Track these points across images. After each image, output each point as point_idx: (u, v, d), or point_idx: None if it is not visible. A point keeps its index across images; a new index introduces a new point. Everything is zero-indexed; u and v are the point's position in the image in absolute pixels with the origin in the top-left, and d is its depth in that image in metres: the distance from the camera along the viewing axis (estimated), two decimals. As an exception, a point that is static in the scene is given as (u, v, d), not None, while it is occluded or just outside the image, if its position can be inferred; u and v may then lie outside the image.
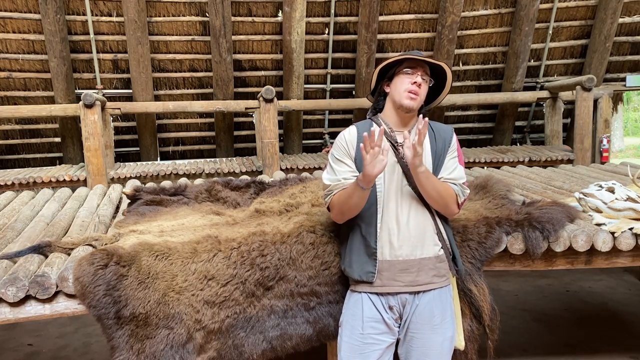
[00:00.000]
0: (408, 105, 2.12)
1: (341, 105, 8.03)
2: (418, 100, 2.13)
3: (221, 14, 7.12)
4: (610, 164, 5.56)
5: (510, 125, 8.71)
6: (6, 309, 2.22)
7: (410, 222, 2.12)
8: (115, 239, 2.60)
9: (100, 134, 6.35)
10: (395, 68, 2.18)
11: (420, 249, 2.12)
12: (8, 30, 7.17)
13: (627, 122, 20.54)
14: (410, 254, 2.11)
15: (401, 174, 2.13)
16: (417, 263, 2.12)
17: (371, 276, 2.12)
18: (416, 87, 2.10)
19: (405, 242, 2.11)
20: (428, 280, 2.14)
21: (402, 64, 2.15)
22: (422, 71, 2.14)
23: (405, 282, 2.12)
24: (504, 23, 8.00)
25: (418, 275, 2.12)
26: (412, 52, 2.18)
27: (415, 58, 2.13)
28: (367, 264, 2.13)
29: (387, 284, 2.12)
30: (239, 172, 6.60)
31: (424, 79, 2.14)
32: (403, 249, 2.11)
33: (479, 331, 2.51)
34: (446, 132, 2.23)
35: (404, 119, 2.18)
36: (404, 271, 2.11)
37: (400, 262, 2.11)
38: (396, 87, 2.15)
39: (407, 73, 2.13)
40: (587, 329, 4.27)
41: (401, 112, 2.16)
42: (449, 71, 2.21)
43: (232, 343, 2.26)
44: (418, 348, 2.16)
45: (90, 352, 4.15)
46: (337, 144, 2.21)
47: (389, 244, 2.12)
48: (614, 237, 2.66)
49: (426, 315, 2.14)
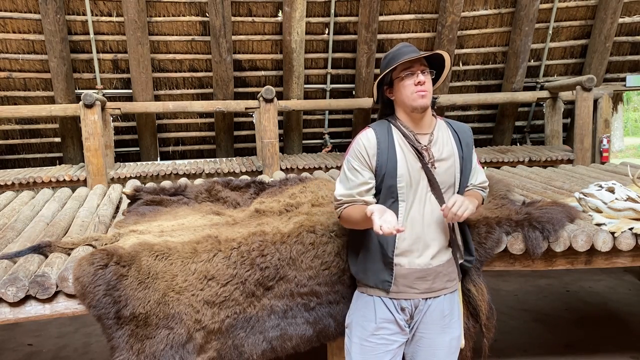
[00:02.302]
0: (422, 105, 2.04)
1: (341, 105, 8.03)
2: (428, 96, 2.05)
3: (221, 14, 7.12)
4: (610, 164, 5.56)
5: (510, 125, 8.71)
6: (6, 309, 2.22)
7: (433, 230, 2.09)
8: (115, 239, 2.60)
9: (100, 134, 6.35)
10: (392, 73, 2.09)
11: (438, 257, 2.11)
12: (8, 30, 7.17)
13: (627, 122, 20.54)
14: (429, 262, 2.10)
15: (426, 181, 2.08)
16: (434, 271, 2.11)
17: (387, 285, 2.09)
18: (421, 86, 2.03)
19: (427, 250, 2.09)
20: (442, 286, 2.13)
21: (397, 68, 2.08)
22: (419, 67, 2.05)
23: (421, 290, 2.10)
24: (504, 23, 8.00)
25: (434, 283, 2.11)
26: (401, 51, 2.08)
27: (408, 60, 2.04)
28: (384, 273, 2.09)
29: (402, 291, 2.10)
30: (239, 172, 6.59)
31: (425, 73, 2.05)
32: (423, 258, 2.09)
33: (475, 329, 2.51)
34: (468, 135, 2.19)
35: (421, 119, 2.11)
36: (421, 279, 2.10)
37: (418, 270, 2.09)
38: (401, 93, 2.06)
39: (407, 76, 2.04)
40: (587, 329, 4.26)
41: (416, 114, 2.08)
42: (445, 54, 2.11)
43: (232, 343, 2.26)
44: (426, 348, 2.15)
45: (90, 352, 4.15)
46: (355, 151, 2.09)
47: (410, 253, 2.09)
48: (614, 237, 2.66)
49: (437, 316, 2.13)
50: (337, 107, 8.23)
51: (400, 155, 2.07)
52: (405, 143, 2.08)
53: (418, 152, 2.07)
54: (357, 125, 8.39)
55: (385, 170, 2.05)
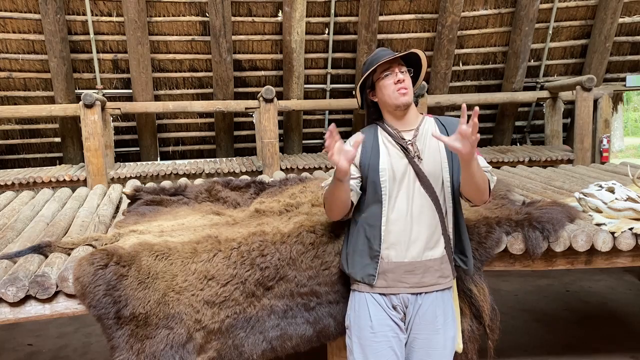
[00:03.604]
0: (404, 102, 2.12)
1: (341, 105, 8.03)
2: (409, 93, 2.13)
3: (221, 14, 7.12)
4: (610, 164, 5.56)
5: (510, 125, 8.71)
6: (6, 309, 2.22)
7: (422, 223, 2.11)
8: (115, 239, 2.60)
9: (100, 134, 6.36)
10: (372, 76, 2.18)
11: (428, 251, 2.12)
12: (8, 30, 7.17)
13: (627, 122, 20.55)
14: (417, 255, 2.11)
15: (413, 174, 2.12)
16: (423, 264, 2.11)
17: (372, 279, 2.12)
18: (401, 84, 2.11)
19: (414, 243, 2.10)
20: (434, 282, 2.14)
21: (376, 71, 2.16)
22: (397, 67, 2.14)
23: (410, 284, 2.11)
24: (504, 23, 8.01)
25: (423, 277, 2.12)
26: (378, 55, 2.17)
27: (384, 61, 2.12)
28: (369, 267, 2.13)
29: (391, 285, 2.12)
30: (239, 172, 6.60)
31: (403, 72, 2.14)
32: (411, 251, 2.10)
33: (479, 331, 2.51)
34: (456, 126, 2.16)
35: (404, 116, 2.18)
36: (410, 272, 2.11)
37: (406, 263, 2.10)
38: (383, 93, 2.15)
39: (386, 77, 2.13)
40: (587, 329, 4.26)
41: (399, 112, 2.17)
42: (420, 52, 2.19)
43: (232, 343, 2.26)
44: (420, 349, 2.15)
45: (90, 352, 4.15)
46: None
47: (397, 246, 2.10)
48: (614, 237, 2.66)
49: (429, 316, 2.13)
50: (337, 107, 8.23)
51: (384, 151, 2.15)
52: (390, 140, 2.17)
53: (403, 148, 2.13)
54: (357, 125, 8.39)
55: (369, 166, 2.14)
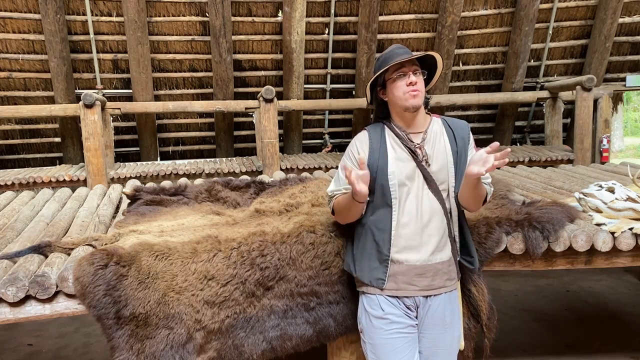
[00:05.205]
0: (414, 105, 2.08)
1: (341, 105, 8.04)
2: (420, 96, 2.09)
3: (221, 14, 7.12)
4: (610, 164, 5.56)
5: (510, 125, 8.71)
6: (6, 309, 2.22)
7: (431, 226, 2.11)
8: (115, 239, 2.60)
9: (100, 134, 6.36)
10: (384, 75, 2.13)
11: (438, 254, 2.12)
12: (8, 30, 7.17)
13: (627, 122, 20.54)
14: (428, 259, 2.11)
15: (422, 178, 2.11)
16: (433, 267, 2.12)
17: (381, 282, 2.12)
18: (413, 86, 2.06)
19: (425, 246, 2.11)
20: (442, 284, 2.14)
21: (389, 70, 2.10)
22: (411, 67, 2.09)
23: (420, 287, 2.12)
24: (504, 23, 8.00)
25: (433, 280, 2.12)
26: (393, 53, 2.12)
27: (399, 62, 2.07)
28: (377, 270, 2.12)
29: (402, 288, 2.12)
30: (239, 172, 6.60)
31: (416, 73, 2.09)
32: (422, 254, 2.10)
33: (476, 329, 2.52)
34: (463, 129, 2.20)
35: (413, 118, 2.14)
36: (420, 275, 2.11)
37: (417, 267, 2.10)
38: (394, 94, 2.10)
39: (399, 77, 2.08)
40: (587, 329, 4.26)
41: (408, 114, 2.12)
42: (436, 55, 2.14)
43: (232, 343, 2.26)
44: (427, 348, 2.17)
45: (90, 352, 4.15)
46: (349, 152, 2.20)
47: (408, 249, 2.10)
48: (614, 237, 2.66)
49: (438, 316, 2.15)
50: (337, 107, 8.24)
51: (392, 154, 2.12)
52: (398, 143, 2.14)
53: (411, 151, 2.11)
54: (357, 125, 8.39)
55: (377, 170, 2.10)
